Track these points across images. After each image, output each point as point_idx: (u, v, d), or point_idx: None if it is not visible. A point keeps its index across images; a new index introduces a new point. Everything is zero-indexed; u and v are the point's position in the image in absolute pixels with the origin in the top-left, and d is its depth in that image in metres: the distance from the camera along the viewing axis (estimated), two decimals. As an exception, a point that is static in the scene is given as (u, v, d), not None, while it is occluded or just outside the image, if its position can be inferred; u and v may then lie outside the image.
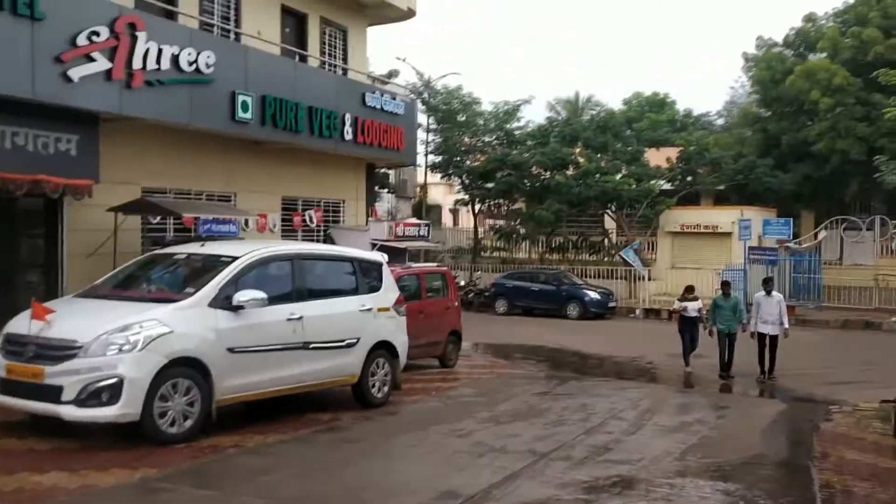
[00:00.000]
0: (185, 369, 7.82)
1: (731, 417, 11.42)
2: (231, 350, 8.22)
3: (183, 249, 9.62)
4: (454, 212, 53.28)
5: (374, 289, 10.52)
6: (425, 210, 39.06)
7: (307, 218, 17.83)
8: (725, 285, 15.98)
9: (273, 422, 8.98)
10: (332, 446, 8.21)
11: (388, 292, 10.76)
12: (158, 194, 13.32)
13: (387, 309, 10.56)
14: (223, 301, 8.30)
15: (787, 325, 15.03)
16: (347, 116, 16.99)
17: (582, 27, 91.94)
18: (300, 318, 9.03)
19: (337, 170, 18.51)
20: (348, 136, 17.00)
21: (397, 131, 18.62)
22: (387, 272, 10.87)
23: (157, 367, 7.53)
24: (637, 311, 28.50)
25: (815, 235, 30.14)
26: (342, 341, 9.66)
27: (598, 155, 29.86)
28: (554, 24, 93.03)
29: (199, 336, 7.97)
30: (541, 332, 22.51)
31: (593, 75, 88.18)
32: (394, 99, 18.70)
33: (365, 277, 10.45)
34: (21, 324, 7.95)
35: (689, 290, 16.37)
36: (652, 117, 48.12)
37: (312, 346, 9.20)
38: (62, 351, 7.50)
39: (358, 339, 9.89)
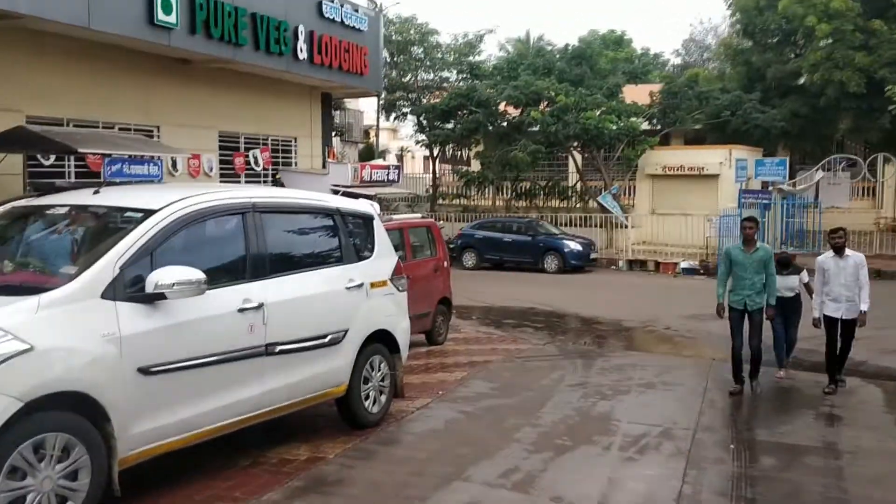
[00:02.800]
0: (61, 415, 4.39)
1: (847, 418, 8.38)
2: (145, 371, 4.81)
3: (64, 200, 5.89)
4: (401, 158, 49.93)
5: (364, 255, 7.18)
6: (377, 156, 35.40)
7: (252, 159, 14.34)
8: (749, 223, 9.16)
9: (212, 472, 5.62)
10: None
11: (383, 259, 7.43)
12: (51, 125, 9.74)
13: (383, 283, 7.25)
14: (129, 286, 4.87)
15: (866, 306, 8.95)
16: (301, 29, 13.46)
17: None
18: (260, 305, 5.66)
19: (288, 99, 14.99)
20: (302, 54, 13.53)
21: (360, 51, 15.14)
22: (380, 229, 7.52)
23: (4, 417, 4.11)
24: (620, 263, 25.85)
25: (811, 176, 27.65)
26: (324, 337, 6.33)
27: (576, 89, 26.54)
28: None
29: (84, 352, 4.52)
30: (521, 289, 19.61)
31: (544, 14, 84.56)
32: (356, 11, 15.12)
33: (351, 238, 7.08)
34: None
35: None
36: (610, 55, 45.06)
37: (280, 349, 5.86)
38: None
39: (345, 332, 6.58)
